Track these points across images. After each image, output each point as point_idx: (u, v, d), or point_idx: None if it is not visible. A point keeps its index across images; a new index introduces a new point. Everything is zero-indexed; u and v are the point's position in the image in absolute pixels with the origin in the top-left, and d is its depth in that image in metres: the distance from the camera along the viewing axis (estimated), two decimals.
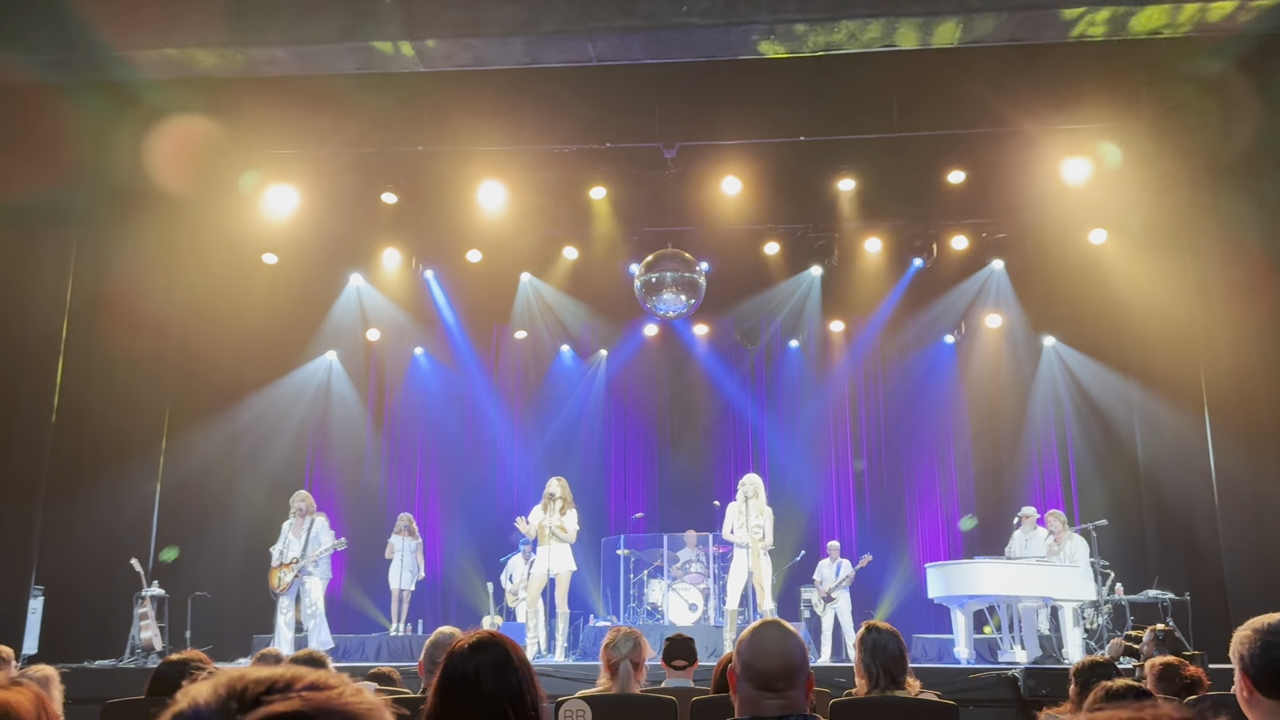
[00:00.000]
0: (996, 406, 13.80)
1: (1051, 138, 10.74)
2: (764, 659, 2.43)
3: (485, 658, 2.44)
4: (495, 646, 2.49)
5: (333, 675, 0.93)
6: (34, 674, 4.11)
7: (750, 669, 2.43)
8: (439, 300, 13.64)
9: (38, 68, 8.99)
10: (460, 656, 2.46)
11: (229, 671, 0.92)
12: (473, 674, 2.41)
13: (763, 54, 8.75)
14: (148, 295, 10.94)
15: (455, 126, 10.71)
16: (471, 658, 2.44)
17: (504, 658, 2.46)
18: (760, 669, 2.43)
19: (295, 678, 0.90)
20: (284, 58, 8.85)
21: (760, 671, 2.42)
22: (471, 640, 2.50)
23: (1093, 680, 4.32)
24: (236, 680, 0.89)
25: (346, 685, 0.92)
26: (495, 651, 2.47)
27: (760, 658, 2.44)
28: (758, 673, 2.42)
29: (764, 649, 2.45)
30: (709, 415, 14.59)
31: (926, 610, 11.77)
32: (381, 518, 13.55)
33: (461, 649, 2.47)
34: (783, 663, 2.44)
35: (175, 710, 0.88)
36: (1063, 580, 9.55)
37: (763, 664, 2.43)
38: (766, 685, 2.42)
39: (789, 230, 12.49)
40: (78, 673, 8.09)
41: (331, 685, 0.90)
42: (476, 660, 2.44)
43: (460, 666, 2.43)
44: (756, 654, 2.45)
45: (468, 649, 2.47)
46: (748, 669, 2.44)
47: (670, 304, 11.66)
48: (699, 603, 11.80)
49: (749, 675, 2.43)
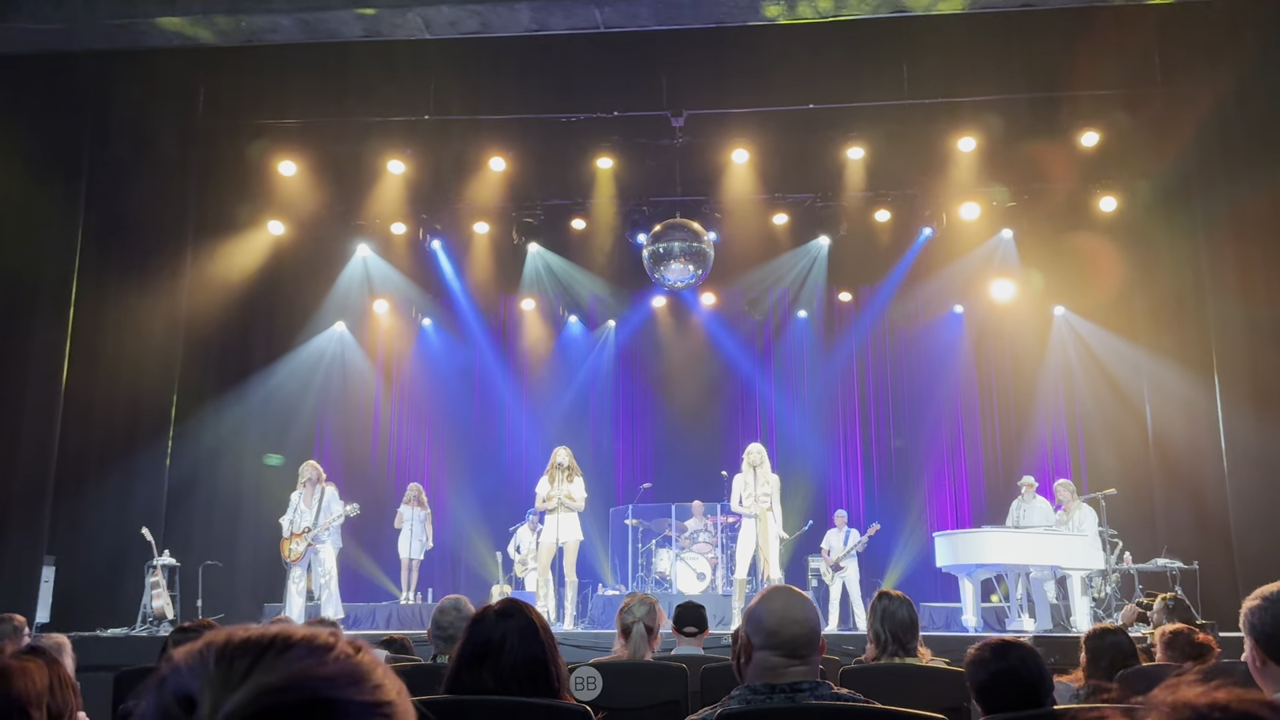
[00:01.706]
0: (1005, 376, 13.77)
1: (1062, 104, 10.65)
2: (791, 626, 2.43)
3: (511, 625, 2.45)
4: (520, 614, 2.49)
5: (322, 633, 0.88)
6: (46, 642, 4.13)
7: (777, 635, 2.42)
8: (446, 271, 13.61)
9: (43, 37, 8.95)
10: (487, 624, 2.45)
11: (214, 635, 0.87)
12: (499, 641, 2.41)
13: (771, 19, 8.66)
14: (157, 260, 10.98)
15: (462, 95, 10.66)
16: (499, 625, 2.44)
17: (529, 626, 2.46)
18: (789, 636, 2.42)
19: (284, 640, 0.85)
20: (288, 25, 8.79)
21: (791, 638, 2.42)
22: (498, 607, 2.50)
23: (1103, 648, 4.32)
24: (221, 646, 0.84)
25: (340, 642, 0.87)
26: (521, 619, 2.47)
27: (788, 625, 2.43)
28: (786, 639, 2.41)
29: (790, 616, 2.44)
30: (717, 385, 14.58)
31: (934, 579, 11.80)
32: (391, 487, 13.60)
33: (488, 615, 2.47)
34: (808, 629, 2.45)
35: (160, 676, 0.85)
36: (1071, 549, 9.55)
37: (791, 631, 2.42)
38: (794, 652, 2.42)
39: (797, 200, 12.42)
40: (89, 641, 8.18)
41: (320, 646, 0.86)
42: (503, 627, 2.44)
43: (486, 633, 2.43)
44: (784, 621, 2.43)
45: (494, 616, 2.47)
46: (774, 636, 2.42)
47: (678, 275, 11.61)
48: (706, 572, 11.85)
49: (776, 642, 2.42)
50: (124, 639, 9.09)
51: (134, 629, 9.59)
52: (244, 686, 0.80)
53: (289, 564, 9.89)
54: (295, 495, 10.09)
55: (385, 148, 11.44)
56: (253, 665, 0.82)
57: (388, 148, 11.43)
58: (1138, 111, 10.62)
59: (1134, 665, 4.24)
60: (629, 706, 3.82)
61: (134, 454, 10.73)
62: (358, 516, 10.22)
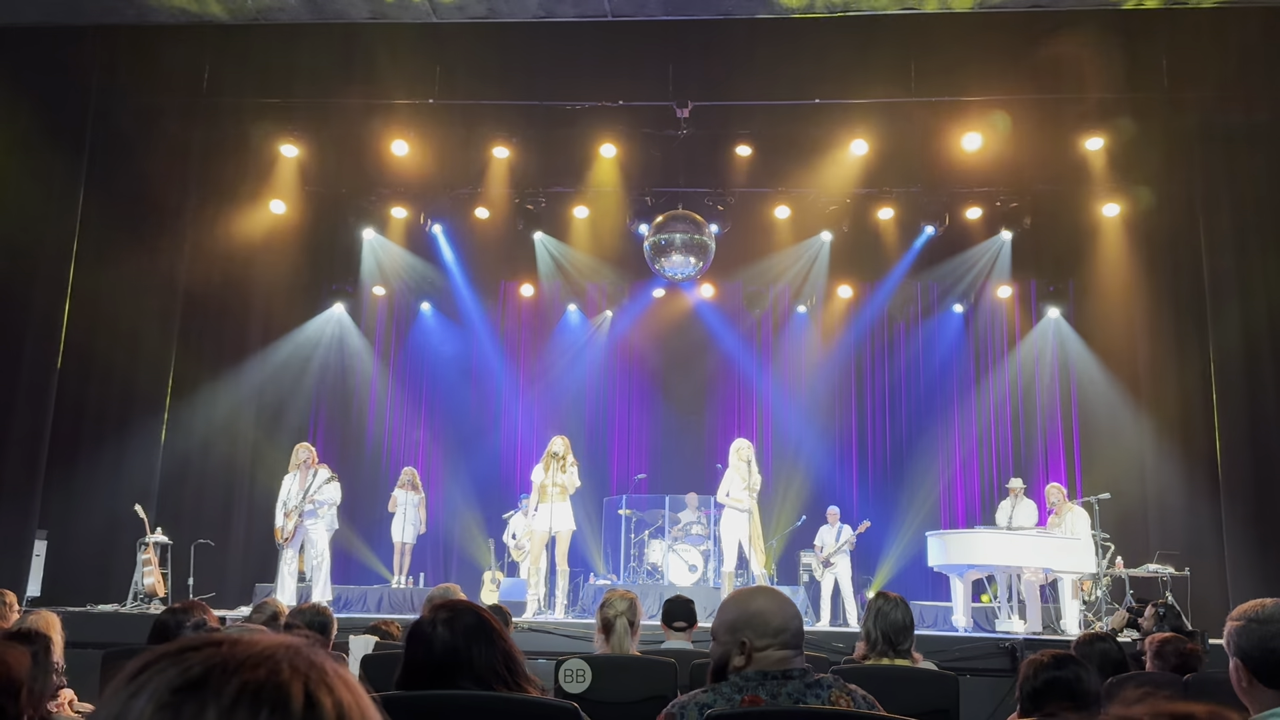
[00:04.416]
0: (1003, 376, 13.77)
1: (1068, 107, 10.64)
2: (794, 621, 2.49)
3: (467, 623, 2.35)
4: (469, 613, 2.39)
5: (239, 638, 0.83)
6: (35, 618, 4.13)
7: (786, 631, 2.46)
8: (446, 256, 13.58)
9: (44, 11, 8.91)
10: (440, 633, 2.34)
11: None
12: (464, 648, 2.31)
13: (786, 7, 8.63)
14: (156, 237, 10.95)
15: (467, 80, 10.62)
16: (450, 629, 2.33)
17: (483, 624, 2.36)
18: (796, 629, 2.48)
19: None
20: (296, 5, 8.76)
21: (796, 632, 2.48)
22: (444, 615, 2.38)
23: (1091, 655, 4.32)
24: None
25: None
26: (469, 618, 2.37)
27: (791, 620, 2.48)
28: (795, 633, 2.47)
29: (788, 611, 2.50)
30: (714, 377, 14.58)
31: (925, 578, 11.82)
32: (385, 471, 13.60)
33: (437, 625, 2.35)
34: (800, 621, 2.53)
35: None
36: (1062, 552, 9.56)
37: (795, 625, 2.49)
38: (790, 644, 2.47)
39: (800, 194, 12.41)
40: (79, 617, 8.17)
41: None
42: (460, 629, 2.33)
43: (451, 643, 2.32)
44: (787, 617, 2.48)
45: (443, 623, 2.35)
46: (782, 632, 2.46)
47: (679, 266, 11.60)
48: (699, 564, 11.85)
49: (785, 639, 2.46)
50: (114, 615, 9.09)
51: (125, 606, 9.59)
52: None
53: (281, 545, 9.87)
54: (288, 478, 10.06)
55: (389, 130, 11.40)
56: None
57: (391, 130, 11.39)
58: (1143, 117, 10.60)
59: (1123, 673, 4.24)
60: (617, 701, 3.82)
61: (128, 431, 10.72)
62: (342, 501, 10.14)
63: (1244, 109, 9.79)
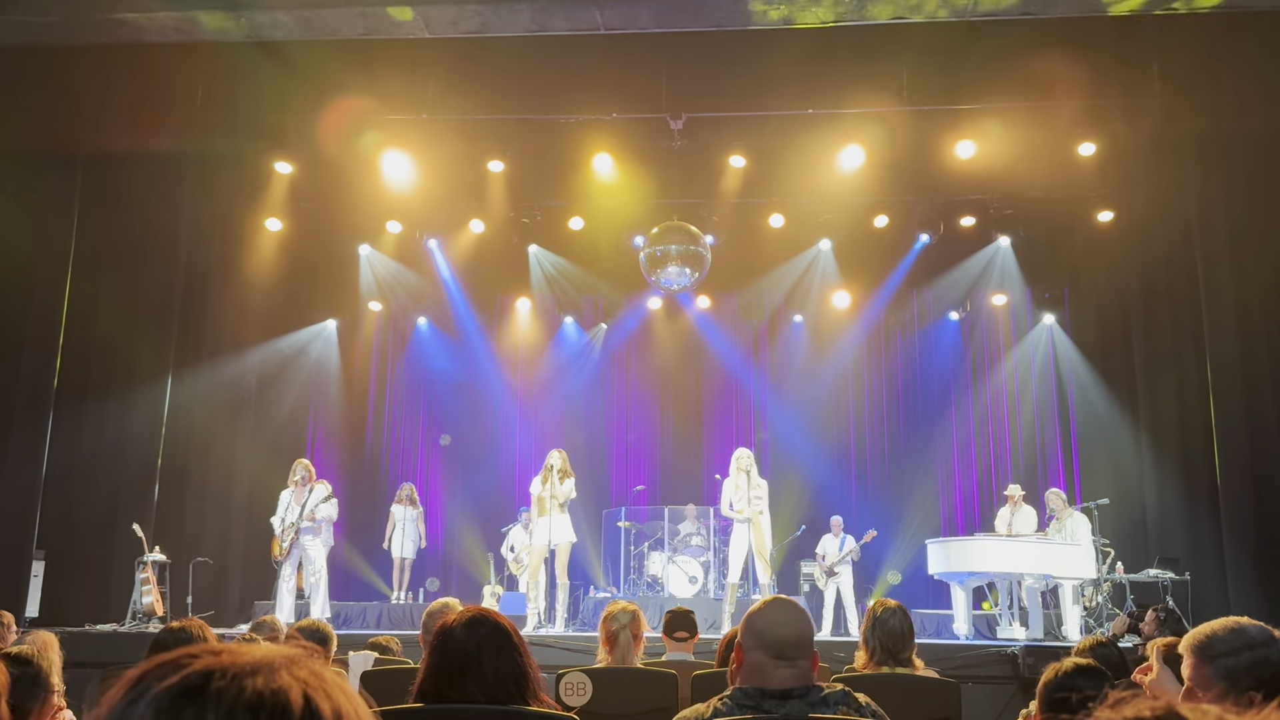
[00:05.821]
0: (999, 383, 13.78)
1: (1061, 114, 10.65)
2: (779, 628, 2.49)
3: (484, 633, 2.41)
4: (490, 622, 2.45)
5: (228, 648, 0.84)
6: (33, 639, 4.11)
7: (765, 637, 2.48)
8: (442, 270, 13.59)
9: (40, 30, 8.93)
10: (457, 634, 2.41)
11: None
12: (475, 652, 2.37)
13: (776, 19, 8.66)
14: (151, 255, 10.94)
15: (461, 95, 10.63)
16: (471, 635, 2.40)
17: (502, 634, 2.42)
18: (776, 638, 2.48)
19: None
20: (288, 21, 8.78)
21: (777, 640, 2.47)
22: (466, 618, 2.45)
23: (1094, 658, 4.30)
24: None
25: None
26: (490, 627, 2.43)
27: (775, 627, 2.49)
28: (774, 641, 2.47)
29: (779, 619, 2.51)
30: (712, 388, 14.58)
31: (927, 586, 11.80)
32: (383, 486, 13.58)
33: (456, 628, 2.43)
34: (797, 633, 2.51)
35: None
36: (1063, 558, 9.55)
37: (779, 633, 2.48)
38: (781, 654, 2.46)
39: (795, 204, 12.42)
40: (78, 636, 8.15)
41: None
42: (476, 637, 2.40)
43: (462, 646, 2.39)
44: (772, 623, 2.50)
45: (463, 627, 2.42)
46: (761, 637, 2.48)
47: (675, 277, 11.61)
48: (699, 575, 11.83)
49: (763, 644, 2.48)
50: (112, 635, 9.06)
51: (123, 625, 9.56)
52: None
53: (279, 562, 9.84)
54: (286, 494, 10.04)
55: (384, 146, 11.39)
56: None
57: (385, 146, 11.38)
58: (1136, 123, 10.62)
59: (1124, 679, 4.22)
60: (619, 713, 3.80)
61: (125, 449, 10.69)
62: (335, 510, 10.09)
63: (1236, 115, 9.81)
